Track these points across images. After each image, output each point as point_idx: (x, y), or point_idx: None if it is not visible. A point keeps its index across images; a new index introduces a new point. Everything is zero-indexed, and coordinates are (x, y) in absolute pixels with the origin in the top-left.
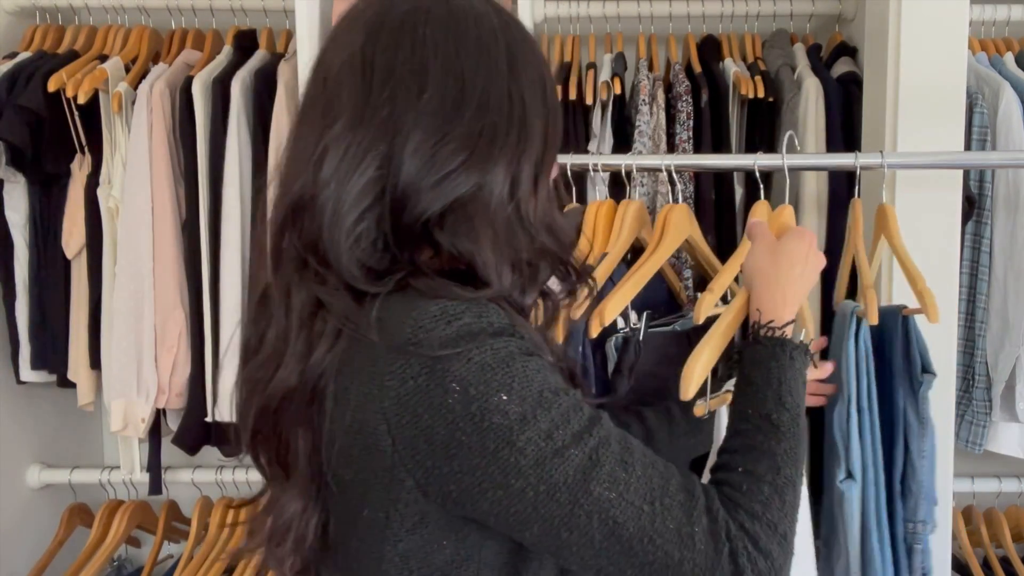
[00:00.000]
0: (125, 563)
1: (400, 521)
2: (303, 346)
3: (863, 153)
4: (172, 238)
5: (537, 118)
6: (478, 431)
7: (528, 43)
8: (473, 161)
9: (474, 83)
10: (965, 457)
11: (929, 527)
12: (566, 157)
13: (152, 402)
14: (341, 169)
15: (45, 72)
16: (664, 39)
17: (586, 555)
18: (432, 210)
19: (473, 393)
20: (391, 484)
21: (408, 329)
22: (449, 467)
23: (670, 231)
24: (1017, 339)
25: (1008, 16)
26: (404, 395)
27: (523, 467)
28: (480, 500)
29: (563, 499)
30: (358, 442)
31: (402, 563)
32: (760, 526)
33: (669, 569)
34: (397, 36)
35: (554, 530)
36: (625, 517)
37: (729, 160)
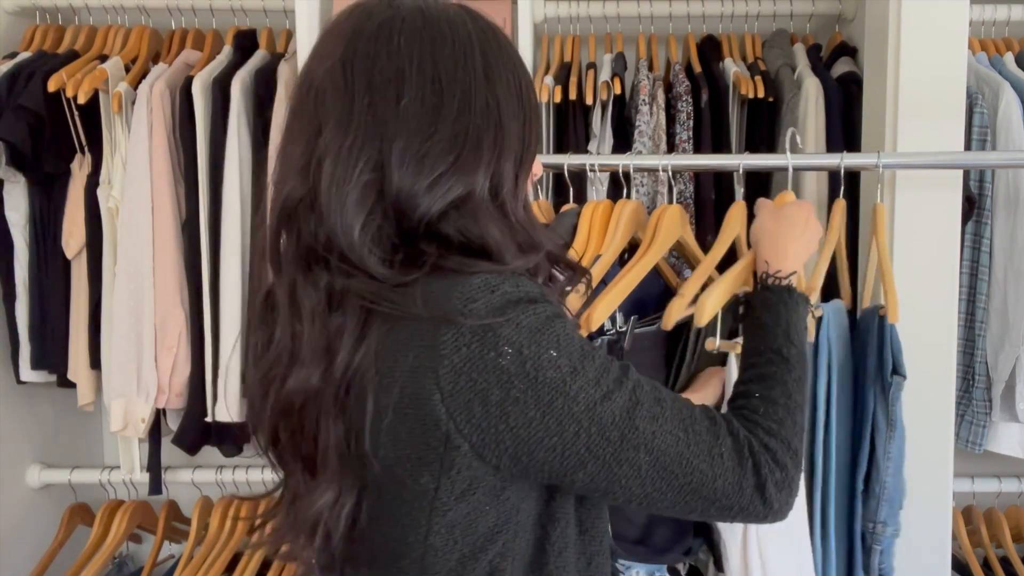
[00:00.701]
0: (127, 560)
1: (450, 490)
2: (320, 343)
3: (852, 154)
4: (172, 238)
5: (514, 120)
6: (533, 386)
7: (503, 47)
8: (461, 163)
9: (452, 88)
10: (965, 457)
11: (891, 530)
12: (564, 157)
13: (152, 402)
14: (337, 174)
15: (45, 72)
16: (664, 39)
17: (634, 486)
18: (432, 212)
19: (526, 353)
20: (446, 452)
21: (456, 302)
22: (505, 424)
23: (661, 233)
24: (1017, 339)
25: (1008, 16)
26: (458, 363)
27: (576, 413)
28: (537, 450)
29: (614, 437)
30: (409, 416)
31: (448, 533)
32: (776, 442)
33: (704, 487)
34: (375, 45)
35: (607, 467)
36: (666, 445)
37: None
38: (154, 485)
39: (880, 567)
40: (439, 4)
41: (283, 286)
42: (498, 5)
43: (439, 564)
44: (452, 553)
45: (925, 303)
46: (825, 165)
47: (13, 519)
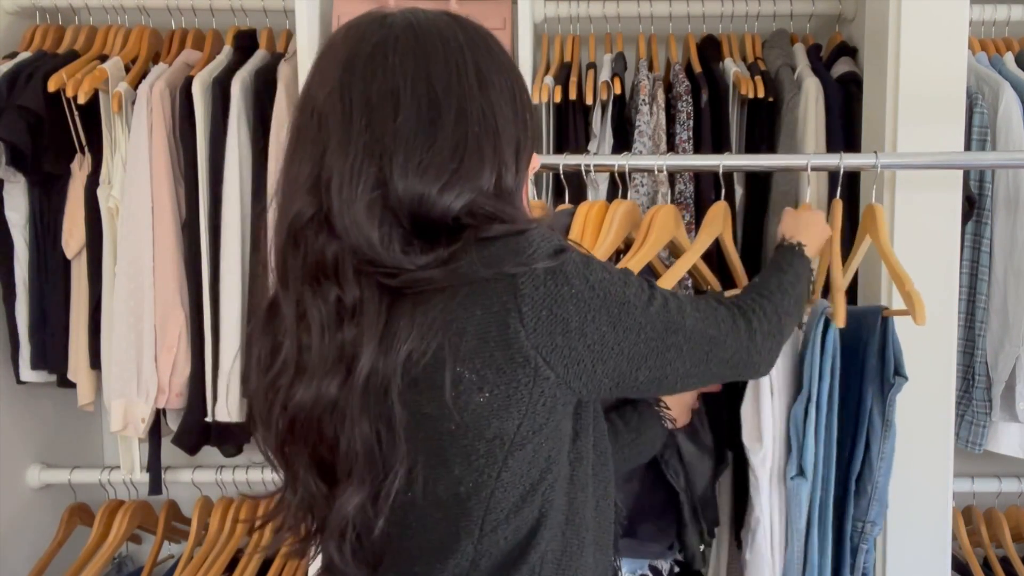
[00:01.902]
0: (127, 560)
1: (531, 424)
2: (331, 355)
3: (851, 154)
4: (172, 238)
5: (509, 121)
6: (603, 303)
7: (494, 53)
8: (464, 168)
9: (447, 99)
10: (965, 457)
11: (877, 528)
12: (561, 157)
13: (152, 402)
14: (344, 194)
15: (45, 72)
16: (664, 39)
17: (679, 365)
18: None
19: (591, 278)
20: (535, 385)
21: (524, 253)
22: (583, 343)
23: (654, 232)
24: (1017, 339)
25: (1008, 16)
26: (539, 299)
27: (636, 316)
28: (610, 357)
29: (660, 329)
30: (496, 358)
31: (518, 468)
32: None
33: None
34: (371, 67)
35: (660, 355)
36: (692, 324)
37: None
38: (154, 485)
39: (864, 566)
40: (429, 18)
41: (290, 300)
42: (498, 5)
43: (504, 501)
44: (519, 487)
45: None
46: (824, 165)
47: (13, 519)
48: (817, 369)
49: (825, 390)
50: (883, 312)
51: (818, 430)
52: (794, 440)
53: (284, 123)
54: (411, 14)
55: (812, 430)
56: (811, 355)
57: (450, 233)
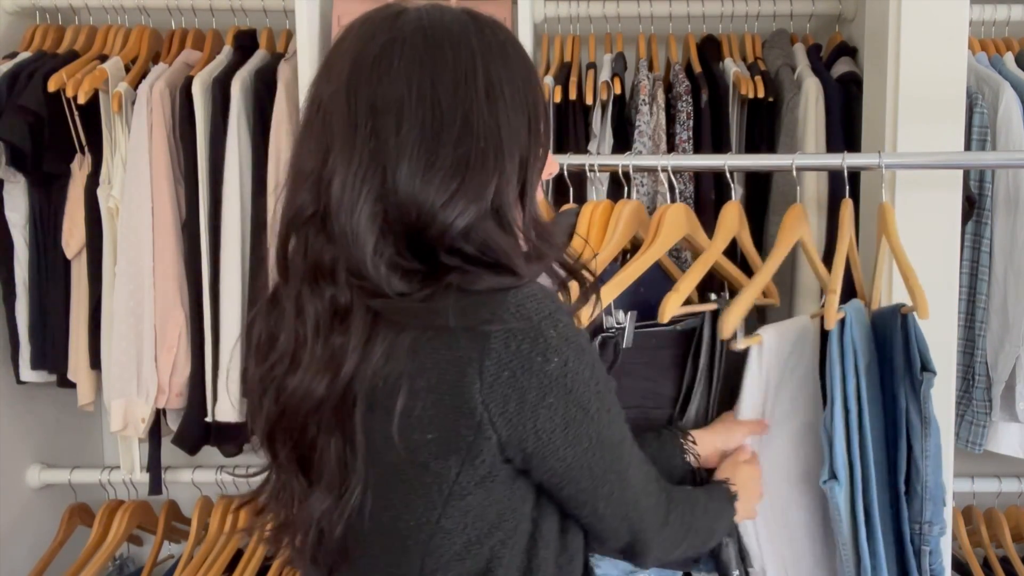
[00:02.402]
0: (127, 561)
1: (471, 475)
2: (324, 356)
3: (854, 154)
4: (172, 238)
5: (518, 133)
6: (566, 398)
7: (510, 59)
8: (466, 185)
9: (452, 112)
10: (965, 457)
11: (937, 528)
12: (563, 157)
13: (152, 402)
14: (345, 199)
15: (45, 72)
16: (664, 39)
17: (600, 504)
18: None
19: (570, 366)
20: (475, 440)
21: (511, 306)
22: (533, 425)
23: (663, 231)
24: (1017, 339)
25: (1008, 16)
26: (505, 358)
27: (591, 432)
28: (550, 457)
29: (607, 459)
30: (445, 402)
31: (461, 517)
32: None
33: (639, 517)
34: (376, 70)
35: (594, 484)
36: (632, 475)
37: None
38: (154, 485)
39: (931, 567)
40: (444, 19)
41: (290, 293)
42: (498, 5)
43: (445, 547)
44: (460, 537)
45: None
46: (827, 165)
47: (13, 519)
48: (839, 371)
49: (852, 390)
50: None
51: (850, 432)
52: (824, 444)
53: (284, 123)
54: (426, 13)
55: (841, 432)
56: (830, 358)
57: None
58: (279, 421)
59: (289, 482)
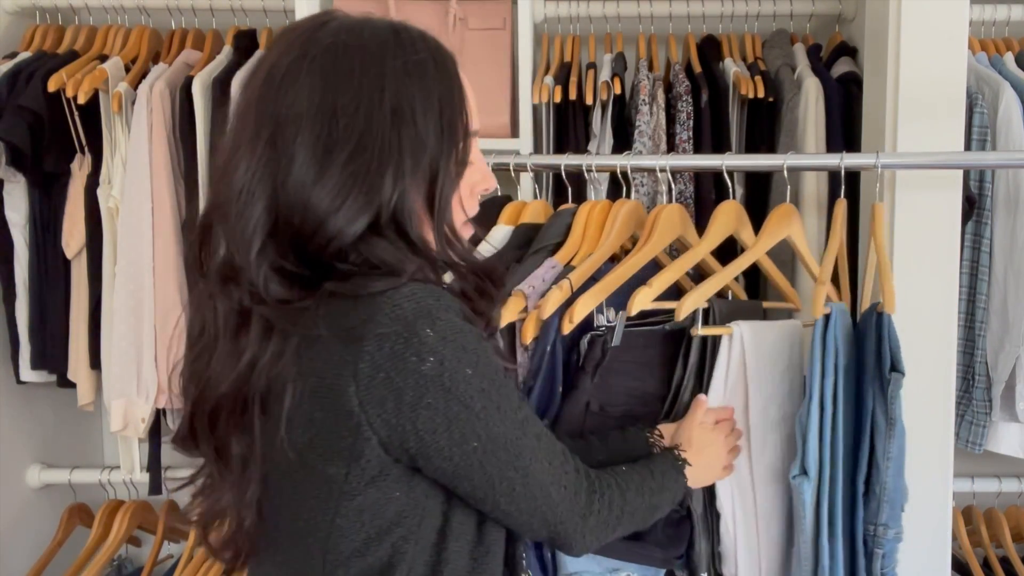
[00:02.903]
0: (125, 562)
1: (360, 476)
2: (229, 353)
3: (851, 154)
4: (172, 238)
5: (424, 152)
6: (445, 397)
7: (428, 79)
8: (354, 200)
9: (351, 127)
10: (965, 457)
11: (892, 532)
12: (562, 158)
13: (152, 402)
14: (238, 201)
15: (45, 72)
16: (664, 39)
17: (503, 501)
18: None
19: (447, 365)
20: (355, 442)
21: (386, 307)
22: (412, 425)
23: (656, 232)
24: (1017, 339)
25: (1008, 16)
26: (379, 359)
27: (477, 430)
28: (435, 456)
29: (501, 457)
30: (325, 404)
31: (355, 516)
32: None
33: (550, 509)
34: (285, 81)
35: (489, 482)
36: (535, 471)
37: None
38: (154, 485)
39: (883, 571)
40: (364, 35)
41: (204, 291)
42: (498, 5)
43: (344, 544)
44: (358, 534)
45: (925, 303)
46: (825, 165)
47: (13, 519)
48: (819, 367)
49: (829, 388)
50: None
51: (823, 429)
52: (799, 439)
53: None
54: (347, 29)
55: (815, 429)
56: (813, 354)
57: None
58: (196, 414)
59: (211, 472)
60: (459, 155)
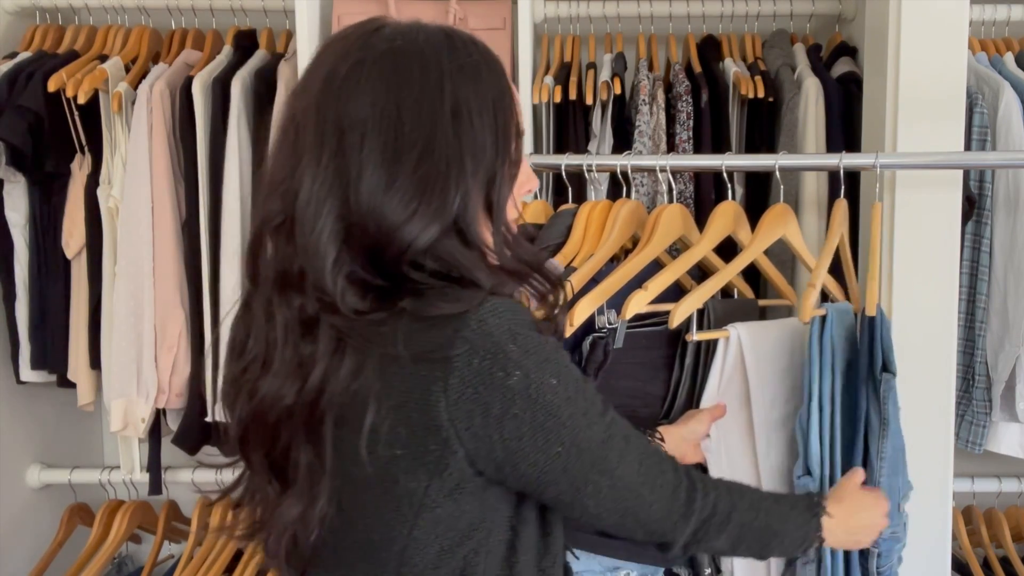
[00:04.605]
0: (126, 560)
1: (440, 488)
2: (293, 361)
3: (851, 154)
4: (172, 238)
5: (484, 155)
6: (532, 407)
7: (482, 81)
8: (424, 207)
9: (414, 134)
10: (965, 457)
11: (888, 531)
12: (562, 158)
13: (152, 402)
14: (308, 213)
15: (45, 72)
16: (664, 39)
17: (590, 504)
18: (414, 248)
19: (532, 377)
20: (443, 455)
21: (472, 323)
22: (499, 436)
23: (659, 232)
24: (1017, 339)
25: (1008, 16)
26: (468, 375)
27: (562, 436)
28: (521, 464)
29: (586, 461)
30: (412, 419)
31: (431, 528)
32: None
33: (642, 511)
34: (345, 89)
35: (574, 486)
36: (624, 474)
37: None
38: (154, 485)
39: (879, 569)
40: (418, 38)
41: (260, 298)
42: (498, 5)
43: (418, 556)
44: (432, 546)
45: (925, 303)
46: (824, 165)
47: (13, 519)
48: (816, 368)
49: (827, 389)
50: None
51: (823, 430)
52: (800, 441)
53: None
54: (401, 33)
55: (816, 430)
56: (810, 355)
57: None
58: (251, 425)
59: (262, 485)
60: (512, 156)
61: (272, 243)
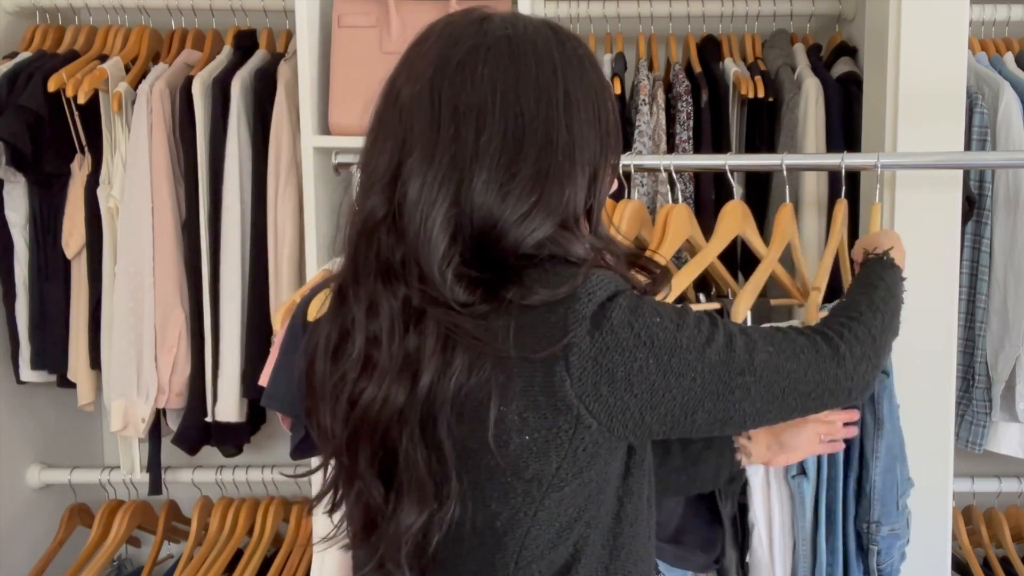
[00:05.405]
0: (125, 563)
1: (571, 466)
2: (399, 357)
3: (852, 154)
4: (172, 238)
5: (591, 151)
6: (651, 351)
7: (586, 73)
8: (544, 199)
9: (534, 123)
10: (965, 457)
11: (886, 529)
12: None
13: (152, 402)
14: (421, 202)
15: (45, 72)
16: (664, 39)
17: (746, 406)
18: (525, 245)
19: (637, 326)
20: (576, 433)
21: (583, 297)
22: (630, 393)
23: (671, 232)
24: (1017, 339)
25: (1008, 16)
26: (586, 349)
27: (690, 361)
28: (660, 405)
29: (721, 371)
30: (540, 403)
31: (556, 507)
32: (854, 325)
33: (799, 383)
34: (461, 74)
35: (722, 398)
36: (762, 362)
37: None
38: (154, 485)
39: (879, 567)
40: (527, 28)
41: (361, 293)
42: (498, 5)
43: (541, 536)
44: (553, 525)
45: (925, 303)
46: (824, 165)
47: (13, 519)
48: None
49: None
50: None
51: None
52: None
53: (284, 123)
54: (510, 22)
55: None
56: None
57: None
58: (359, 428)
59: (366, 489)
60: (612, 152)
61: (376, 236)
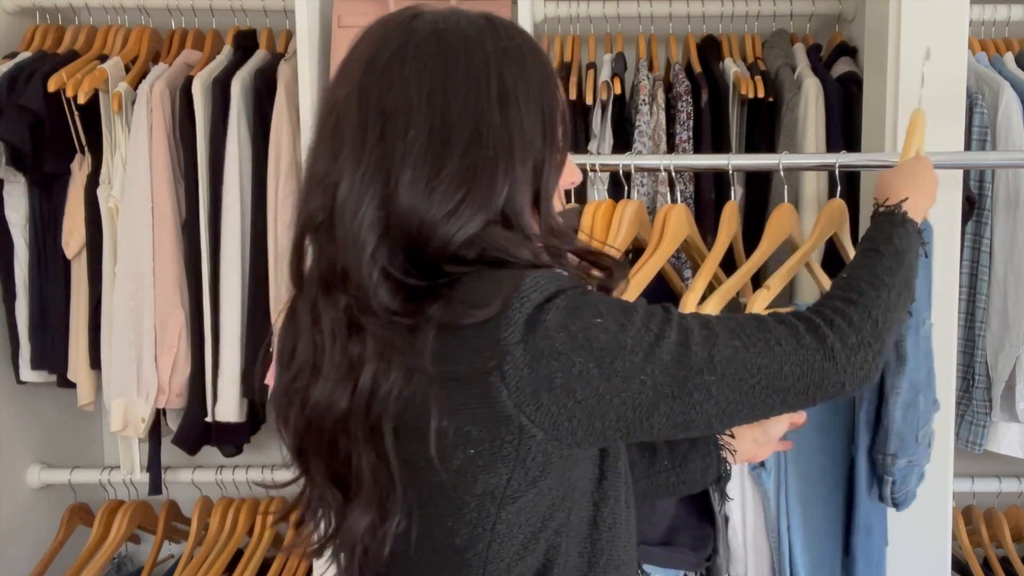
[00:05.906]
0: (126, 560)
1: (523, 478)
2: (343, 364)
3: (851, 154)
4: (172, 238)
5: (532, 142)
6: (591, 355)
7: (527, 65)
8: (472, 195)
9: (462, 119)
10: (965, 457)
11: (902, 462)
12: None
13: (152, 402)
14: (349, 203)
15: (45, 72)
16: (664, 39)
17: (709, 407)
18: (453, 243)
19: (573, 328)
20: (520, 443)
21: (514, 304)
22: (573, 400)
23: (669, 232)
24: (1017, 339)
25: (1008, 16)
26: (520, 356)
27: (637, 363)
28: (608, 412)
29: (676, 371)
30: (479, 416)
31: (514, 519)
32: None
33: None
34: (388, 74)
35: (678, 400)
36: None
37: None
38: (154, 485)
39: (894, 496)
40: (461, 23)
41: (305, 301)
42: (498, 5)
43: (504, 550)
44: (516, 537)
45: None
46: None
47: (13, 519)
48: None
49: None
50: None
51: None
52: None
53: (284, 123)
54: (443, 17)
55: None
56: None
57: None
58: (307, 434)
59: (324, 496)
60: (560, 144)
61: (315, 243)
